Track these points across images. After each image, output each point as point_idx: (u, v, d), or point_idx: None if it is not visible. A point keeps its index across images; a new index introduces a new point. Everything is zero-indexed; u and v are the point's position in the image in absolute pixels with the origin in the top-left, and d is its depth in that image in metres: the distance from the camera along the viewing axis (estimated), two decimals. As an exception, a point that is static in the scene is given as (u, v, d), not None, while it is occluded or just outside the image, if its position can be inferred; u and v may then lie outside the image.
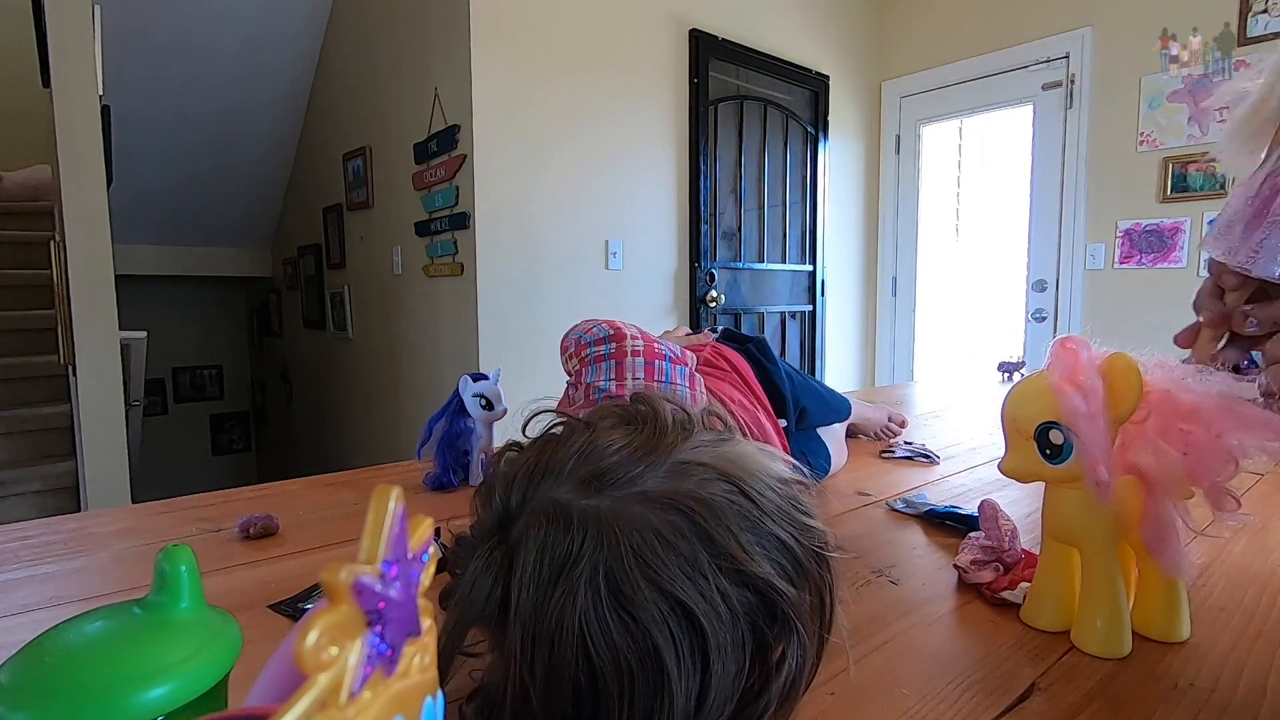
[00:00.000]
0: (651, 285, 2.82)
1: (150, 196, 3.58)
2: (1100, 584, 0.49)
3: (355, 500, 0.89)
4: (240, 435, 4.83)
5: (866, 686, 0.44)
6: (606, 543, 0.31)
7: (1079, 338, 0.48)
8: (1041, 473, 0.49)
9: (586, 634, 0.30)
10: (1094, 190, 3.01)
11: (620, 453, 0.35)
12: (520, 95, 2.38)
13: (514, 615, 0.31)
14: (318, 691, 0.13)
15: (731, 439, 0.38)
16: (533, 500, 0.34)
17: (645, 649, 0.29)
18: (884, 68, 3.69)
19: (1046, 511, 0.52)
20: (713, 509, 0.32)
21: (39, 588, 0.62)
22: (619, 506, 0.32)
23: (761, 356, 0.92)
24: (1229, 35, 2.63)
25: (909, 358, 3.72)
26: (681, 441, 0.36)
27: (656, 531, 0.31)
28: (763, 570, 0.32)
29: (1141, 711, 0.42)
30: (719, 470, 0.34)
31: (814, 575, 0.35)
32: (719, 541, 0.31)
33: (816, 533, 0.35)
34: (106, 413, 2.20)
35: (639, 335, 0.74)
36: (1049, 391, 0.47)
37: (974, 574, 0.59)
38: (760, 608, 0.32)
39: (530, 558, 0.31)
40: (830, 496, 0.88)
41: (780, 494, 0.35)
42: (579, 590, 0.30)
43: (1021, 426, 0.49)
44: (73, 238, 2.10)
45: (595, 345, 0.74)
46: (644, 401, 0.39)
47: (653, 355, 0.71)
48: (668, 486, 0.33)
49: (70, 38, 2.10)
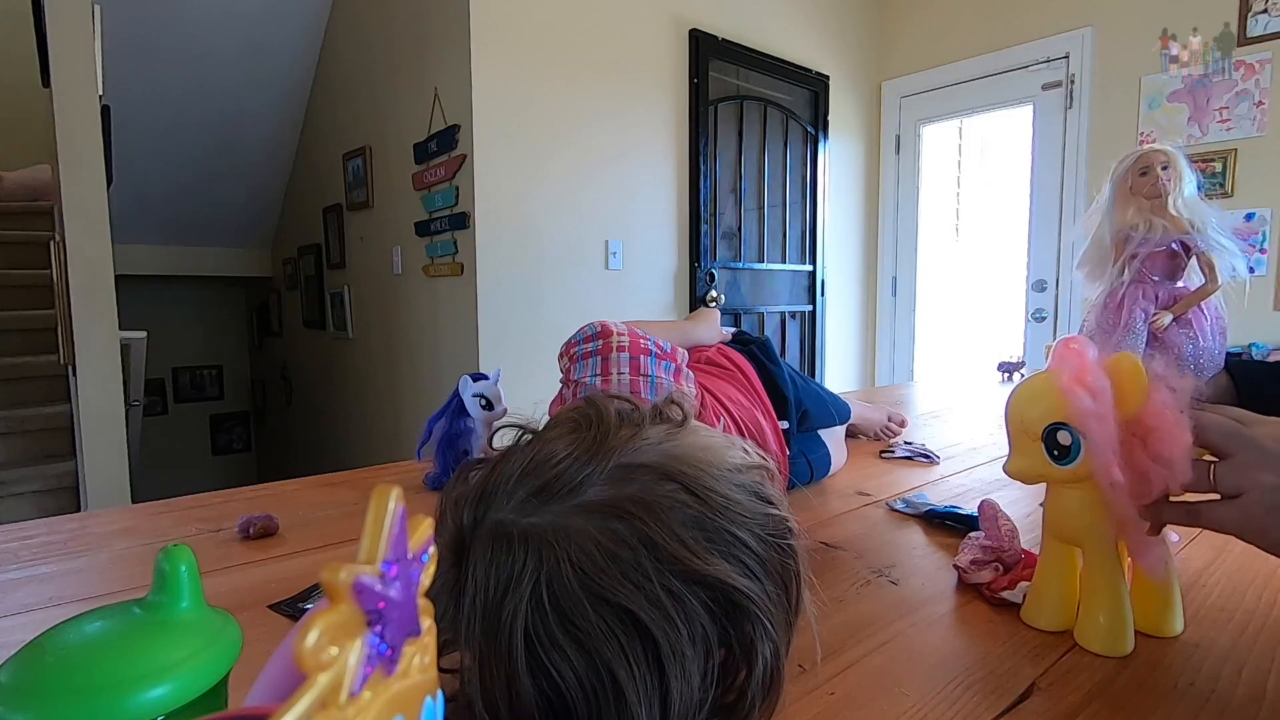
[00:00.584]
0: (651, 285, 2.82)
1: (150, 196, 3.58)
2: (1103, 582, 0.49)
3: (355, 500, 0.89)
4: (240, 435, 4.83)
5: (866, 686, 0.44)
6: (546, 560, 0.30)
7: (1082, 338, 0.48)
8: (1048, 474, 0.49)
9: (539, 652, 0.29)
10: (1094, 190, 3.00)
11: (563, 463, 0.34)
12: (520, 95, 2.38)
13: (464, 639, 0.31)
14: (318, 691, 0.13)
15: (683, 430, 0.37)
16: (482, 522, 0.34)
17: (596, 663, 0.29)
18: (884, 68, 3.69)
19: (1049, 512, 0.51)
20: (655, 512, 0.32)
21: (39, 588, 0.62)
22: (559, 521, 0.32)
23: (764, 358, 0.92)
24: (1229, 35, 2.63)
25: (909, 358, 3.72)
26: (627, 442, 0.35)
27: (597, 543, 0.31)
28: (715, 567, 0.31)
29: (1141, 711, 0.42)
30: (663, 470, 0.33)
31: (775, 565, 0.34)
32: (662, 545, 0.31)
33: (775, 519, 0.34)
34: (106, 413, 2.20)
35: (625, 332, 0.74)
36: (1057, 392, 0.47)
37: (973, 574, 0.59)
38: (718, 605, 0.31)
39: (478, 582, 0.31)
40: (830, 496, 0.88)
41: (735, 483, 0.34)
42: (522, 610, 0.30)
43: (1029, 428, 0.48)
44: (73, 238, 2.10)
45: (584, 343, 0.75)
46: (591, 404, 0.38)
47: (638, 350, 0.72)
48: (609, 494, 0.33)
49: (70, 38, 2.10)
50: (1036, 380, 0.50)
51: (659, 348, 0.74)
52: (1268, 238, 2.62)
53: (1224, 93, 2.67)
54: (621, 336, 0.70)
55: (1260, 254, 2.64)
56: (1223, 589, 0.58)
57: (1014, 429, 0.50)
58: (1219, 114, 2.68)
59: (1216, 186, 2.70)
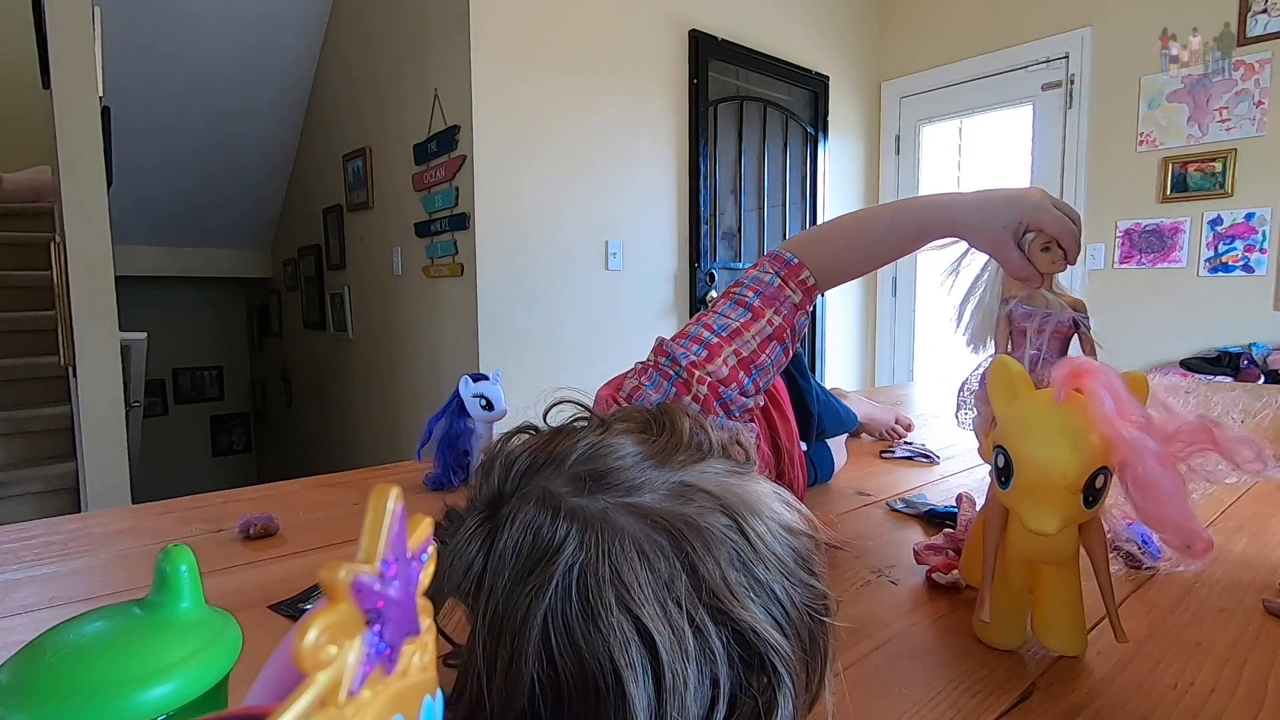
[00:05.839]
0: (651, 285, 2.82)
1: (151, 197, 3.58)
2: (1074, 590, 0.48)
3: (355, 500, 0.89)
4: (240, 436, 4.83)
5: (866, 686, 0.44)
6: (586, 546, 0.30)
7: (1091, 364, 0.43)
8: (1077, 520, 0.43)
9: (551, 633, 0.29)
10: (1094, 190, 3.00)
11: (625, 459, 0.34)
12: (520, 96, 2.38)
13: (485, 596, 0.31)
14: (317, 690, 0.13)
15: (747, 474, 0.36)
16: (527, 485, 0.33)
17: (604, 663, 0.28)
18: (884, 68, 3.69)
19: (1029, 543, 0.46)
20: (704, 539, 0.30)
21: (39, 588, 0.62)
22: (609, 513, 0.31)
23: (796, 372, 0.88)
24: (1229, 35, 2.63)
25: (909, 358, 3.72)
26: (692, 463, 0.34)
27: (639, 547, 0.30)
28: (750, 614, 0.29)
29: (1141, 711, 0.42)
30: (721, 502, 0.32)
31: (806, 634, 0.32)
32: (703, 573, 0.29)
33: (816, 592, 0.33)
34: (107, 414, 2.20)
35: (705, 395, 0.62)
36: (1097, 434, 0.40)
37: (926, 557, 0.62)
38: (740, 652, 0.30)
39: (512, 538, 0.31)
40: (830, 496, 0.89)
41: (783, 543, 0.33)
42: (549, 588, 0.29)
43: (1073, 481, 0.41)
44: (73, 239, 2.10)
45: (669, 367, 0.64)
46: (666, 412, 0.38)
47: (711, 409, 0.63)
48: (663, 506, 0.32)
49: (70, 39, 2.10)
50: (1055, 421, 0.43)
51: (729, 410, 0.63)
52: (1268, 238, 2.62)
53: (1224, 93, 2.67)
54: (701, 386, 0.61)
55: (1260, 254, 2.64)
56: (1223, 589, 0.58)
57: (1042, 481, 0.42)
58: (1219, 114, 2.68)
59: (1216, 186, 2.70)
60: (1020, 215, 0.58)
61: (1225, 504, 0.81)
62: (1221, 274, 2.72)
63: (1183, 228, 2.78)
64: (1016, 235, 0.58)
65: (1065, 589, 0.48)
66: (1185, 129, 2.75)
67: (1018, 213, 0.58)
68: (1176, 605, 0.55)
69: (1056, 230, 0.57)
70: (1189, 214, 2.77)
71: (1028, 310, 0.59)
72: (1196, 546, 0.39)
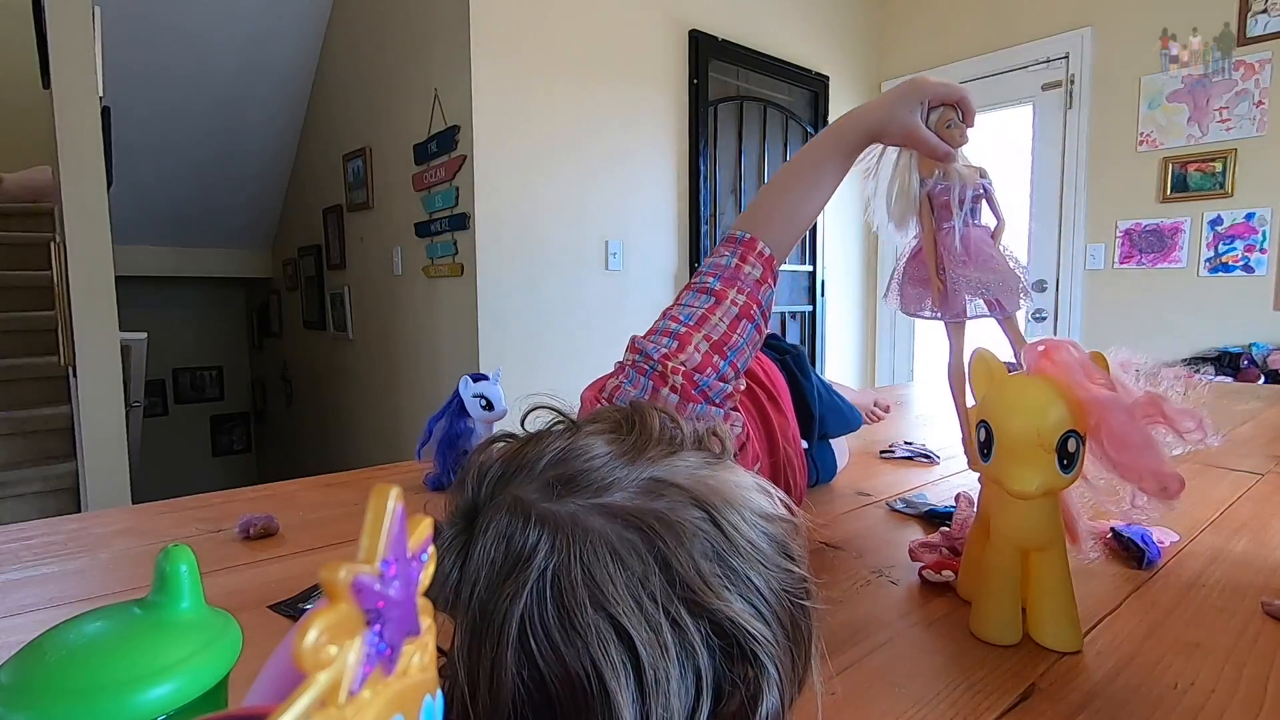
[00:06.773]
0: (651, 286, 2.82)
1: (151, 198, 3.58)
2: (1064, 581, 0.49)
3: (355, 500, 0.89)
4: (240, 436, 4.83)
5: (866, 686, 0.44)
6: (558, 549, 0.30)
7: (1059, 340, 0.47)
8: (1055, 485, 0.46)
9: (530, 638, 0.29)
10: (1094, 190, 3.00)
11: (595, 460, 0.34)
12: (520, 96, 2.38)
13: (464, 607, 0.31)
14: (317, 690, 0.13)
15: (721, 464, 0.36)
16: (500, 494, 0.34)
17: (584, 664, 0.28)
18: (884, 68, 3.69)
19: (1010, 522, 0.49)
20: (676, 533, 0.30)
21: (39, 588, 0.62)
22: (579, 515, 0.31)
23: (798, 370, 0.89)
24: (1229, 35, 2.63)
25: (909, 358, 3.72)
26: (663, 458, 0.34)
27: (610, 547, 0.30)
28: (727, 605, 0.29)
29: (1141, 711, 0.42)
30: (693, 494, 0.32)
31: (787, 621, 0.32)
32: (676, 567, 0.30)
33: (795, 577, 0.33)
34: (107, 414, 2.20)
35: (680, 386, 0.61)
36: (1067, 397, 0.45)
37: (921, 554, 0.63)
38: (721, 644, 0.30)
39: (486, 548, 0.31)
40: (830, 496, 0.89)
41: (759, 531, 0.33)
42: (524, 594, 0.29)
43: (1045, 440, 0.45)
44: (73, 239, 2.10)
45: (642, 361, 0.64)
46: (637, 410, 0.38)
47: (689, 398, 0.62)
48: (634, 503, 0.32)
49: (70, 38, 2.10)
50: (1028, 388, 0.48)
51: (708, 398, 0.62)
52: (1268, 238, 2.62)
53: (1224, 93, 2.67)
54: (675, 376, 0.61)
55: (1260, 254, 2.64)
56: (1223, 589, 0.58)
57: (1021, 443, 0.46)
58: (1219, 114, 2.68)
59: (1216, 186, 2.70)
60: (919, 97, 0.64)
61: (1225, 504, 0.81)
62: (1221, 274, 2.72)
63: (1183, 228, 2.78)
64: (923, 118, 0.64)
65: (1052, 578, 0.49)
66: (1185, 129, 2.75)
67: (917, 95, 0.64)
68: (1176, 605, 0.55)
69: (953, 95, 0.64)
70: (1189, 214, 2.77)
71: (945, 185, 0.65)
72: (1172, 487, 0.43)
